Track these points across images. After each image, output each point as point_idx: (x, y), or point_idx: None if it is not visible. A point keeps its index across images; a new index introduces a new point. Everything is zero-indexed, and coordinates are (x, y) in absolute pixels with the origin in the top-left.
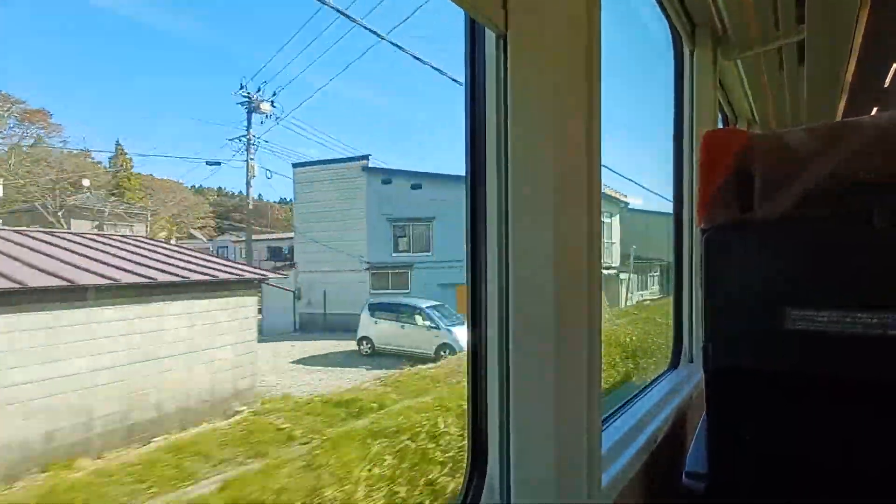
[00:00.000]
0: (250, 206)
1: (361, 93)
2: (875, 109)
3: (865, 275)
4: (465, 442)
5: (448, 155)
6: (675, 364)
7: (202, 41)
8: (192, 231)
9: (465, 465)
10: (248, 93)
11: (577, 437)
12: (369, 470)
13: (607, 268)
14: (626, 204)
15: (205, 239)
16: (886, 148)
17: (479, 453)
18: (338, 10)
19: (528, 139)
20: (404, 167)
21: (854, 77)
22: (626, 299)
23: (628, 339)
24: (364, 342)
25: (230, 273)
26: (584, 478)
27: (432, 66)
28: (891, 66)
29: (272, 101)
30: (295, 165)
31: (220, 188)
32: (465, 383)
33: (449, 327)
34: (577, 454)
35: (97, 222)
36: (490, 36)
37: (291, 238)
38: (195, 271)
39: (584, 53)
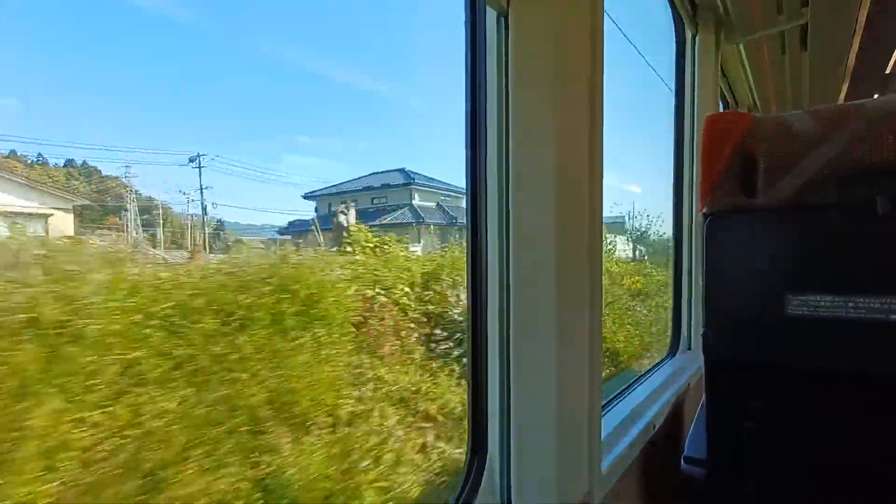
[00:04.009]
0: None
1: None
2: (876, 96)
3: (868, 261)
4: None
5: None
6: (673, 352)
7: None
8: None
9: (465, 448)
10: None
11: (577, 422)
12: None
13: None
14: None
15: None
16: (890, 131)
17: (479, 437)
18: None
19: (530, 120)
20: None
21: (856, 62)
22: None
23: None
24: None
25: None
26: (585, 463)
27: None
28: (893, 52)
29: None
30: None
31: None
32: (467, 368)
33: None
34: (577, 439)
35: None
36: (491, 14)
37: None
38: None
39: (587, 33)
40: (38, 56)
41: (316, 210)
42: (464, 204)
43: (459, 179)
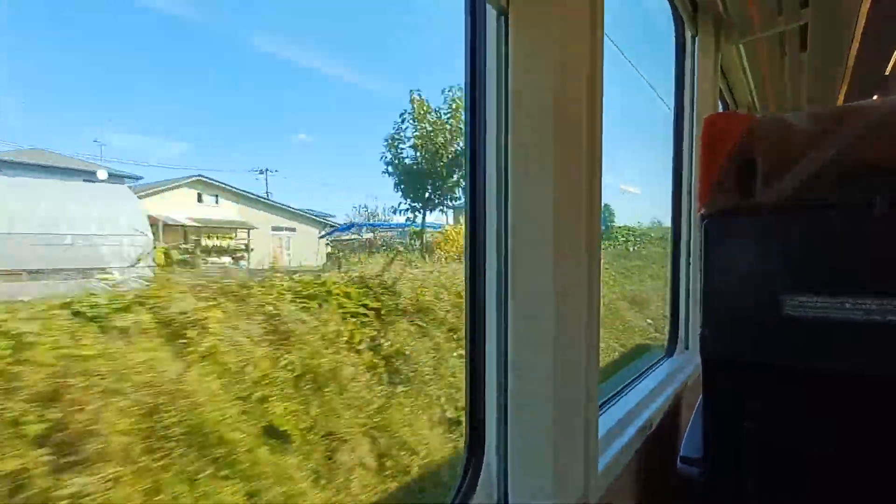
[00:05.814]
0: None
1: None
2: (875, 96)
3: (866, 262)
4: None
5: None
6: (671, 352)
7: None
8: None
9: (463, 447)
10: None
11: (574, 422)
12: None
13: None
14: None
15: None
16: (888, 133)
17: (476, 437)
18: None
19: (529, 119)
20: None
21: (855, 63)
22: None
23: None
24: None
25: None
26: (581, 462)
27: None
28: (892, 53)
29: None
30: None
31: None
32: (464, 366)
33: None
34: (574, 439)
35: None
36: (491, 12)
37: None
38: None
39: (587, 33)
40: None
41: None
42: None
43: None
